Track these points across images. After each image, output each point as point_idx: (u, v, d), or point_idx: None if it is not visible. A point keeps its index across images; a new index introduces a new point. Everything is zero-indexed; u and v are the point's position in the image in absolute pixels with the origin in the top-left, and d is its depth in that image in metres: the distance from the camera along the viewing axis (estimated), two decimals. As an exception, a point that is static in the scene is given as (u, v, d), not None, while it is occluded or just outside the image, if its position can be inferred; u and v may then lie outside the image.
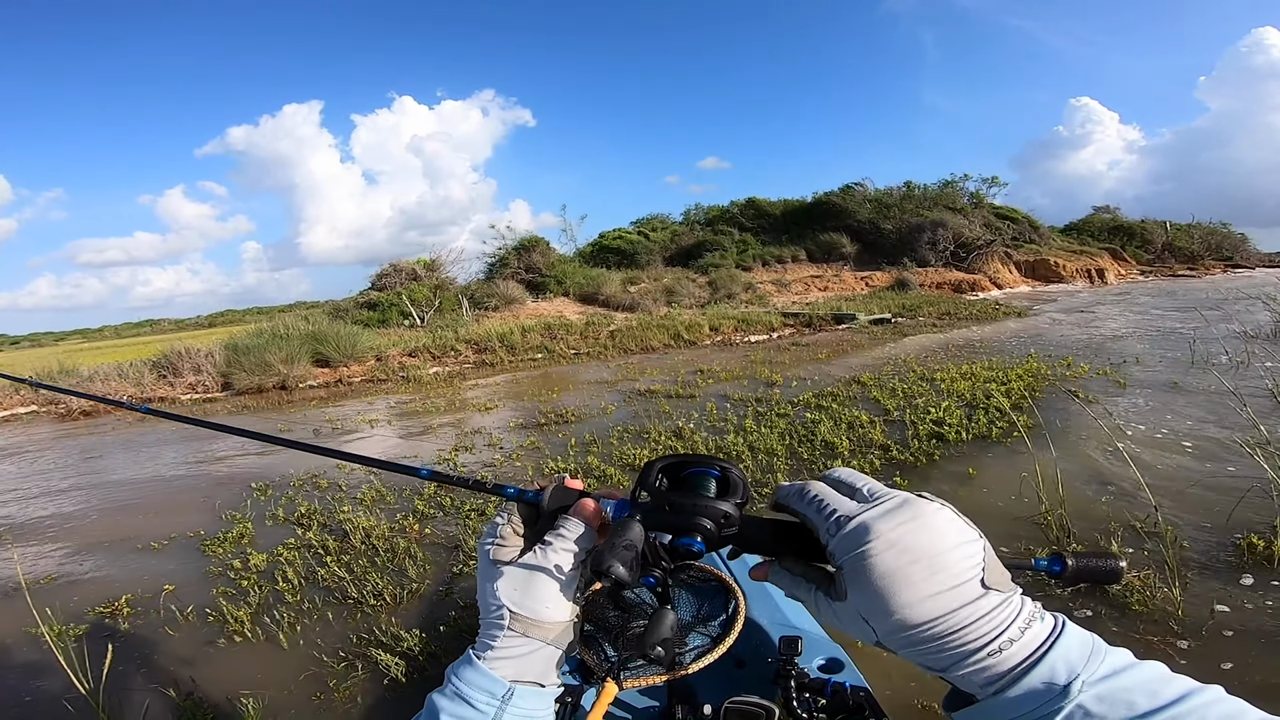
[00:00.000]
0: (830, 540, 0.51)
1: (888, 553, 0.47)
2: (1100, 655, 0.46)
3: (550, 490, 0.64)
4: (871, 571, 0.47)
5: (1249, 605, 2.80)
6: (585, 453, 6.00)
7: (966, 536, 0.49)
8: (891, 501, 0.50)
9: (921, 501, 0.50)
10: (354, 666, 2.87)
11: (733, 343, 14.92)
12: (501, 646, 0.58)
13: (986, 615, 0.46)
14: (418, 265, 22.71)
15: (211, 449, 8.04)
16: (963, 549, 0.48)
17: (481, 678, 0.57)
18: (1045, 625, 0.47)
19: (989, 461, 4.88)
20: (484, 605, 0.60)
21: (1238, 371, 7.25)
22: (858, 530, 0.49)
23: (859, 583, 0.48)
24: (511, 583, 0.58)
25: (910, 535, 0.47)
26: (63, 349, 34.08)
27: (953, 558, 0.47)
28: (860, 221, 30.67)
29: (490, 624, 0.59)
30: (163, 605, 3.63)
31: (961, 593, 0.46)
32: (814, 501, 0.54)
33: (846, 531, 0.50)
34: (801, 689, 1.04)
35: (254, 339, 14.46)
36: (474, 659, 0.58)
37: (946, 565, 0.47)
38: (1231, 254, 39.77)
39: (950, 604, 0.46)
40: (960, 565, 0.47)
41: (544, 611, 0.58)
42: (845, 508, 0.51)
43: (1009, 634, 0.46)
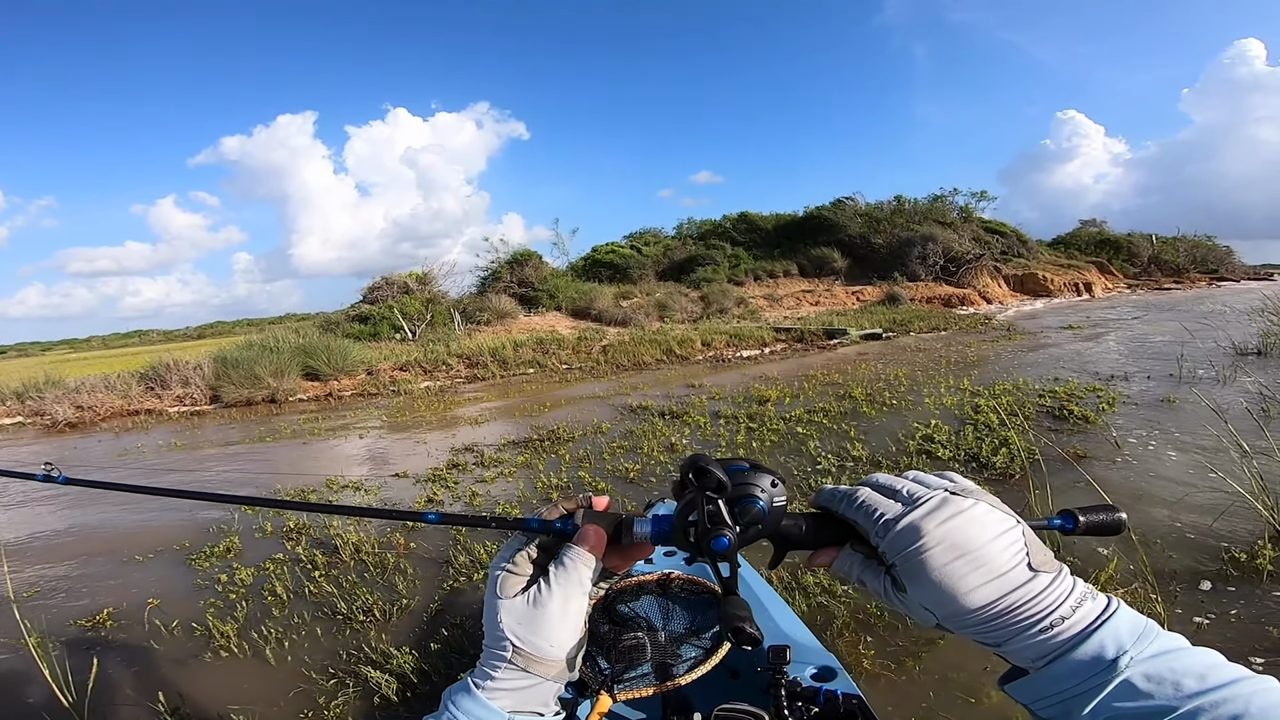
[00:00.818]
0: (881, 542, 0.54)
1: (935, 549, 0.50)
2: (1151, 636, 0.47)
3: (580, 518, 0.61)
4: (923, 568, 0.51)
5: (1232, 617, 2.83)
6: (578, 468, 5.99)
7: (1006, 524, 0.52)
8: (932, 501, 0.53)
9: (958, 499, 0.53)
10: (344, 683, 2.84)
11: (725, 358, 14.96)
12: (502, 679, 0.57)
13: (1038, 595, 0.49)
14: (410, 278, 22.71)
15: (200, 459, 7.98)
16: (1004, 538, 0.51)
17: (480, 709, 0.56)
18: (1098, 604, 0.49)
19: (978, 478, 4.90)
20: (489, 633, 0.59)
21: (1223, 386, 7.33)
22: (905, 532, 0.52)
23: (914, 579, 0.52)
24: (516, 617, 0.57)
25: (953, 532, 0.51)
26: (49, 359, 33.77)
27: (996, 547, 0.50)
28: (851, 236, 30.91)
29: (492, 654, 0.58)
30: (148, 619, 3.59)
31: (1010, 578, 0.49)
32: (861, 507, 0.56)
33: (894, 534, 0.53)
34: (793, 697, 1.05)
35: (243, 351, 14.39)
36: (473, 689, 0.57)
37: (991, 555, 0.50)
38: (1217, 267, 40.22)
39: (1001, 589, 0.49)
40: (1004, 554, 0.50)
41: (547, 649, 0.57)
42: (891, 511, 0.54)
43: (1061, 611, 0.48)
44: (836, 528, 0.60)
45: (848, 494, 0.59)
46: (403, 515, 0.73)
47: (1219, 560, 3.30)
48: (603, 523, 0.61)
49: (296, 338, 15.77)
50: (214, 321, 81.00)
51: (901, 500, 0.55)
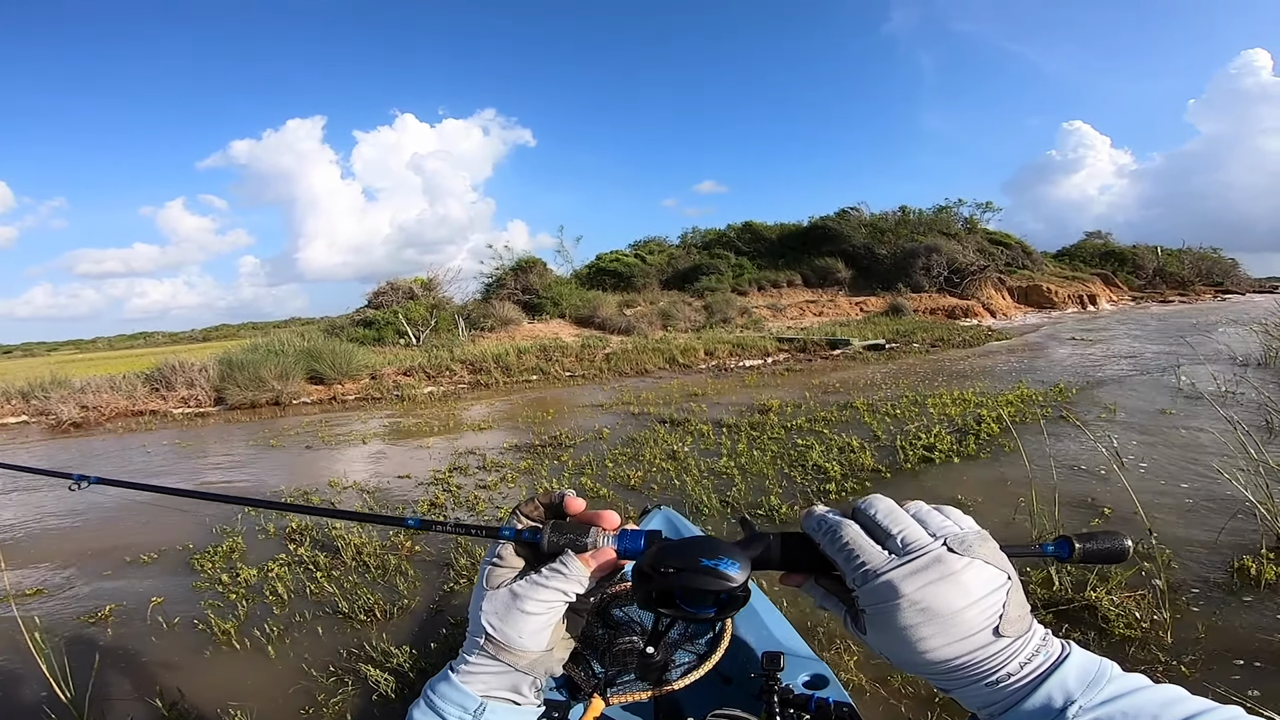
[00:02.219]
0: (856, 588, 0.52)
1: (908, 610, 0.48)
2: (1103, 680, 0.47)
3: (546, 532, 0.61)
4: (889, 624, 0.49)
5: (1238, 626, 2.83)
6: (580, 474, 6.01)
7: (991, 585, 0.49)
8: (922, 559, 0.50)
9: (953, 558, 0.50)
10: (343, 681, 2.86)
11: (728, 367, 14.97)
12: (475, 664, 0.59)
13: (992, 656, 0.48)
14: (415, 284, 22.79)
15: (204, 461, 8.02)
16: (983, 602, 0.49)
17: (455, 692, 0.58)
18: (1050, 654, 0.49)
19: (981, 483, 4.90)
20: (471, 620, 0.61)
21: (1227, 398, 7.32)
22: (882, 588, 0.50)
23: (877, 629, 0.51)
24: (494, 607, 0.59)
25: (933, 597, 0.48)
26: (55, 359, 33.91)
27: (970, 614, 0.48)
28: (855, 246, 30.86)
29: (470, 641, 0.60)
30: (149, 617, 3.61)
31: (973, 641, 0.48)
32: (844, 549, 0.53)
33: (871, 586, 0.50)
34: (785, 704, 1.05)
35: (248, 354, 14.44)
36: (450, 674, 0.59)
37: (963, 621, 0.48)
38: (1222, 279, 40.07)
39: (961, 650, 0.48)
40: (976, 620, 0.48)
41: (517, 640, 0.58)
42: (874, 561, 0.51)
43: (1009, 668, 0.48)
44: (814, 553, 0.57)
45: (833, 528, 0.55)
46: (383, 520, 0.74)
47: (1224, 569, 3.30)
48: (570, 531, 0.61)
49: (301, 341, 15.83)
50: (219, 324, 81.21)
51: (892, 548, 0.52)
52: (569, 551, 0.60)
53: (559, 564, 0.59)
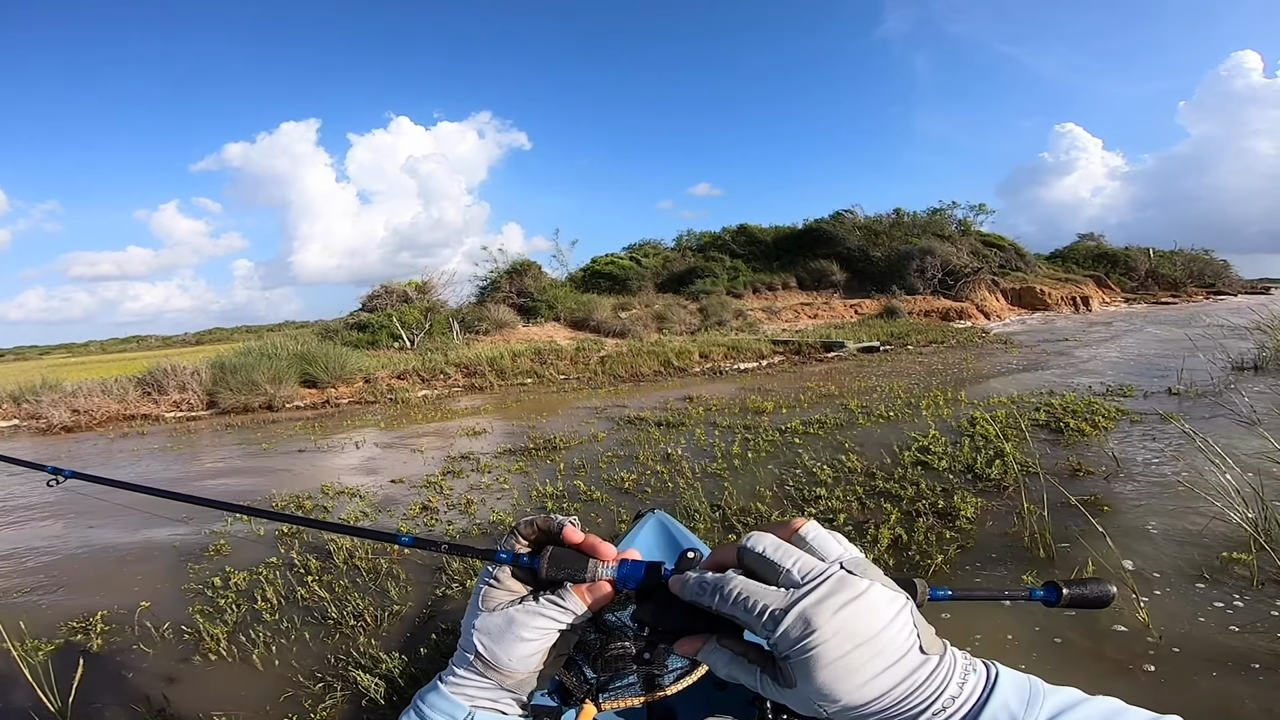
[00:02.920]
0: (769, 636, 0.48)
1: (832, 640, 0.45)
2: (1040, 697, 0.45)
3: (545, 561, 0.61)
4: (818, 662, 0.46)
5: (1218, 625, 2.83)
6: (574, 477, 5.99)
7: (897, 604, 0.48)
8: (825, 585, 0.47)
9: (853, 580, 0.48)
10: (332, 687, 2.83)
11: (723, 370, 14.97)
12: (464, 676, 0.61)
13: (928, 679, 0.46)
14: (409, 287, 22.77)
15: (195, 464, 7.97)
16: (898, 620, 0.47)
17: (444, 701, 0.60)
18: (980, 675, 0.47)
19: (973, 489, 4.90)
20: (463, 635, 0.62)
21: (1220, 400, 7.35)
22: (796, 624, 0.46)
23: (806, 673, 0.46)
24: (488, 629, 0.60)
25: (852, 620, 0.46)
26: (47, 363, 33.67)
27: (891, 632, 0.46)
28: (850, 248, 30.98)
29: (460, 655, 0.62)
30: (138, 621, 3.58)
31: (904, 665, 0.46)
32: (739, 602, 0.50)
33: (785, 628, 0.47)
34: (778, 710, 1.04)
35: (241, 358, 14.38)
36: (439, 684, 0.61)
37: (889, 642, 0.46)
38: (1214, 281, 40.39)
39: (895, 678, 0.45)
40: (900, 640, 0.46)
41: (508, 664, 0.59)
42: (774, 601, 0.48)
43: (950, 690, 0.46)
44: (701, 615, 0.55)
45: (714, 587, 0.51)
46: (378, 535, 0.74)
47: (1205, 570, 3.31)
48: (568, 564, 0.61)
49: (295, 345, 15.77)
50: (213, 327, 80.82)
51: (787, 580, 0.49)
52: (567, 585, 0.60)
53: (557, 596, 0.60)
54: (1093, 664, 2.65)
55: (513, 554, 0.62)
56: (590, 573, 0.60)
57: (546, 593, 0.61)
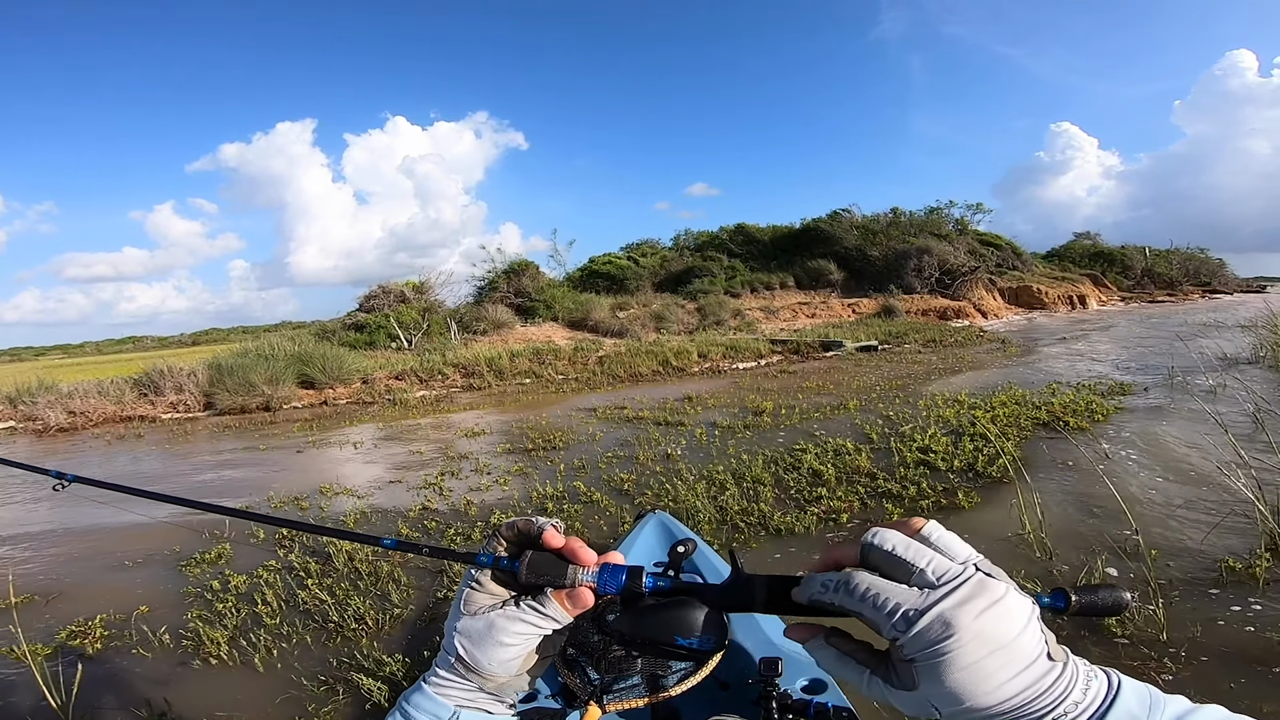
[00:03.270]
0: (899, 636, 0.46)
1: (970, 645, 0.44)
2: (1160, 706, 0.45)
3: (524, 565, 0.60)
4: (951, 666, 0.44)
5: (1231, 626, 2.83)
6: (573, 478, 5.98)
7: (1029, 610, 0.46)
8: (965, 587, 0.46)
9: (992, 583, 0.46)
10: (334, 691, 2.82)
11: (721, 370, 14.98)
12: (447, 678, 0.61)
13: (1053, 685, 0.45)
14: (406, 287, 22.73)
15: (193, 466, 7.94)
16: (1031, 626, 0.46)
17: (429, 702, 0.60)
18: (1103, 682, 0.47)
19: (975, 487, 4.91)
20: (446, 637, 0.62)
21: (1217, 397, 7.37)
22: (934, 627, 0.45)
23: (935, 677, 0.45)
24: (469, 632, 0.60)
25: (991, 625, 0.44)
26: (43, 364, 33.57)
27: (1025, 639, 0.45)
28: (847, 248, 31.00)
29: (443, 657, 0.62)
30: (135, 626, 3.56)
31: (1032, 671, 0.45)
32: (868, 598, 0.48)
33: (920, 629, 0.45)
34: (784, 710, 1.04)
35: (238, 358, 14.33)
36: (423, 685, 0.61)
37: (1022, 648, 0.45)
38: (1210, 279, 40.48)
39: (1023, 684, 0.44)
40: (1032, 646, 0.45)
41: (488, 667, 0.59)
42: (909, 600, 0.46)
43: (1074, 697, 0.45)
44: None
45: (844, 583, 0.49)
46: (361, 538, 0.75)
47: (1216, 569, 3.31)
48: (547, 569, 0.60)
49: (292, 345, 15.72)
50: (209, 328, 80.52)
51: (920, 580, 0.47)
52: (548, 591, 0.60)
53: (538, 602, 0.60)
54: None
55: (493, 557, 0.62)
56: (570, 578, 0.60)
57: (527, 598, 0.60)
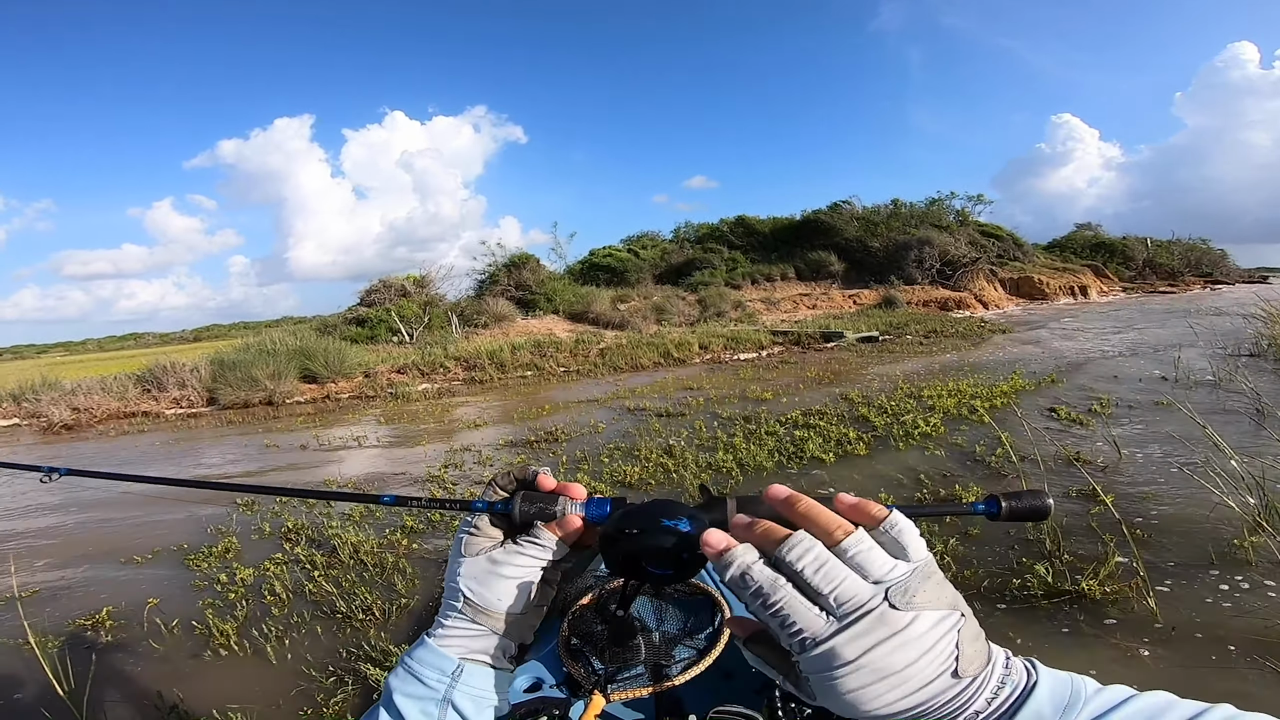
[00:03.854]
0: (795, 655, 0.47)
1: (854, 675, 0.44)
2: (1080, 701, 0.44)
3: (517, 502, 0.63)
4: (838, 690, 0.45)
5: (1222, 609, 2.86)
6: (575, 469, 6.01)
7: (943, 631, 0.45)
8: (863, 623, 0.44)
9: (894, 616, 0.44)
10: (343, 681, 2.86)
11: (722, 361, 14.98)
12: (453, 627, 0.61)
13: (952, 699, 0.45)
14: (407, 281, 22.72)
15: (197, 462, 7.98)
16: (936, 649, 0.44)
17: (432, 655, 0.60)
18: (1016, 684, 0.46)
19: (974, 477, 4.93)
20: (447, 586, 0.63)
21: (1218, 387, 7.38)
22: (824, 657, 0.45)
23: (827, 697, 0.46)
24: (473, 572, 0.61)
25: (881, 659, 0.44)
26: (45, 362, 33.64)
27: (923, 663, 0.44)
28: (848, 239, 30.96)
29: (447, 605, 0.62)
30: (146, 619, 3.60)
31: (930, 689, 0.44)
32: (778, 615, 0.47)
33: (812, 656, 0.45)
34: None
35: (240, 354, 14.37)
36: (426, 639, 0.62)
37: (916, 674, 0.44)
38: (1211, 270, 40.29)
39: (915, 701, 0.44)
40: (930, 669, 0.44)
41: (496, 603, 0.60)
42: (811, 627, 0.45)
43: (976, 706, 0.45)
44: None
45: (762, 592, 0.47)
46: (360, 498, 0.77)
47: (1211, 557, 3.33)
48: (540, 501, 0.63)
49: (294, 340, 15.74)
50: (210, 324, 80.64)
51: (826, 606, 0.46)
52: (538, 523, 0.62)
53: (532, 534, 0.62)
54: (1101, 652, 2.68)
55: (488, 503, 0.64)
56: (560, 508, 0.63)
57: (522, 534, 0.63)
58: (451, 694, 0.59)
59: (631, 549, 0.60)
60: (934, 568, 0.47)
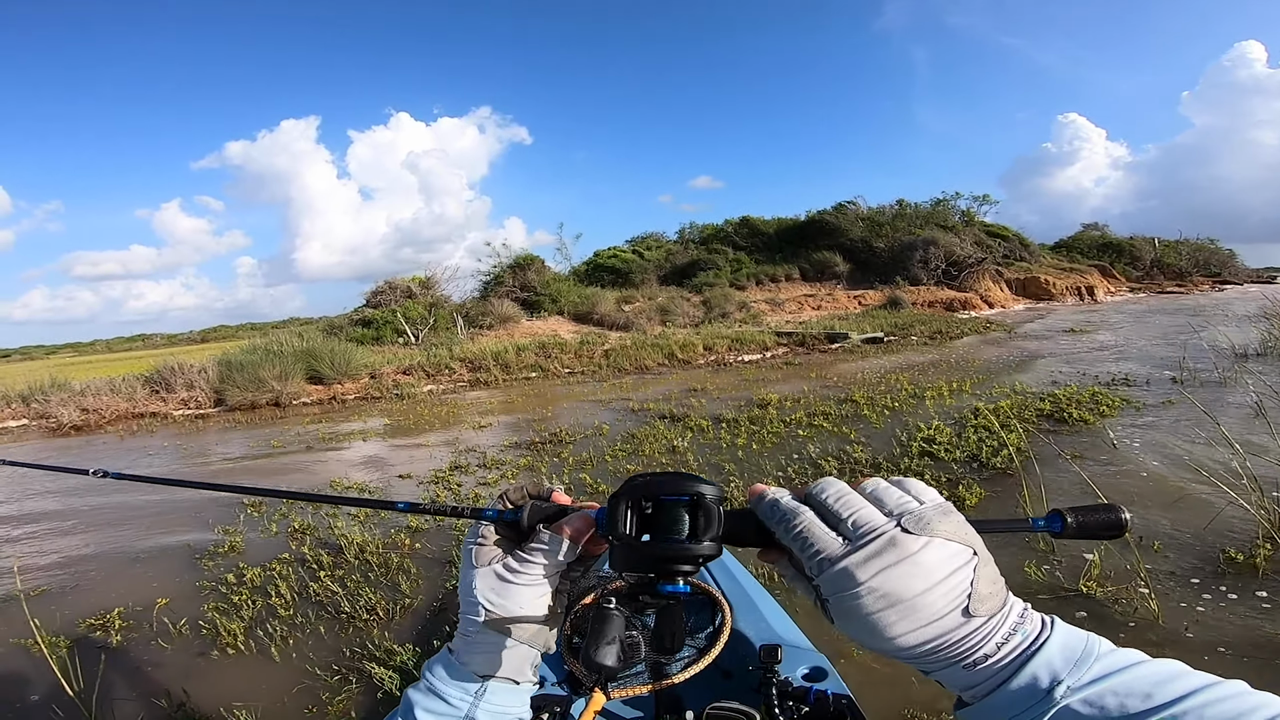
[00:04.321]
0: (815, 577, 0.50)
1: (867, 598, 0.46)
2: (1091, 658, 0.45)
3: (526, 510, 0.63)
4: (853, 613, 0.47)
5: (1226, 613, 2.86)
6: (580, 470, 6.03)
7: (954, 564, 0.47)
8: (876, 543, 0.48)
9: (907, 539, 0.47)
10: (347, 680, 2.88)
11: (727, 362, 14.98)
12: (476, 642, 0.60)
13: (965, 639, 0.46)
14: (413, 283, 22.79)
15: (205, 462, 8.03)
16: (947, 582, 0.47)
17: (456, 672, 0.60)
18: (1030, 632, 0.47)
19: (978, 478, 4.92)
20: (464, 601, 0.62)
21: (1225, 389, 7.35)
22: (839, 576, 0.48)
23: (841, 617, 0.49)
24: (488, 582, 0.60)
25: (891, 581, 0.46)
26: (54, 363, 33.88)
27: (933, 596, 0.46)
28: (853, 240, 30.89)
29: (466, 620, 0.61)
30: (155, 618, 3.64)
31: (942, 624, 0.46)
32: (799, 537, 0.51)
33: (829, 575, 0.48)
34: (784, 697, 1.07)
35: (247, 355, 14.45)
36: (448, 655, 0.62)
37: (926, 605, 0.46)
38: (1219, 270, 39.97)
39: (927, 635, 0.46)
40: (941, 603, 0.46)
41: (517, 610, 0.59)
42: (829, 549, 0.49)
43: (986, 649, 0.46)
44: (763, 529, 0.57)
45: (786, 515, 0.53)
46: (375, 504, 0.79)
47: (1215, 560, 3.33)
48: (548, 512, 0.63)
49: (300, 341, 15.82)
50: (217, 325, 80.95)
51: (844, 531, 0.50)
52: (544, 526, 0.62)
53: (539, 538, 0.62)
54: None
55: (497, 511, 0.64)
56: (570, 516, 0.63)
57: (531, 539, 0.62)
58: (475, 712, 0.59)
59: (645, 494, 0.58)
60: (953, 509, 0.51)
